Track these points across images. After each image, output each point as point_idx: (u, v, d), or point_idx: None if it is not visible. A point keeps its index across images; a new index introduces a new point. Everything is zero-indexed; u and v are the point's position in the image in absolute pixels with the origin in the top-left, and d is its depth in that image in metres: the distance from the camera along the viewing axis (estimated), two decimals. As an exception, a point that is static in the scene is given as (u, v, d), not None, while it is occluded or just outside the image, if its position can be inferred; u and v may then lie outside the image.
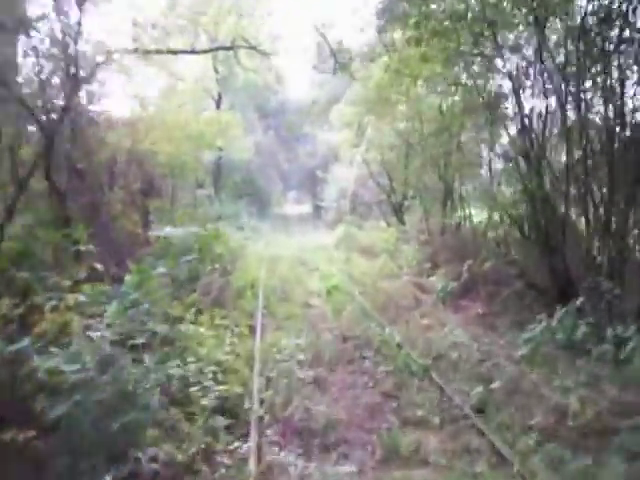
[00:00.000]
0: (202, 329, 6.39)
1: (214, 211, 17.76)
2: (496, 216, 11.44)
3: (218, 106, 22.15)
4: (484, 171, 12.92)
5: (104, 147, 8.57)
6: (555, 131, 9.57)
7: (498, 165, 12.05)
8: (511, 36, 8.36)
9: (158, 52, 12.93)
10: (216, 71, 19.21)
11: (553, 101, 9.08)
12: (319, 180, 30.52)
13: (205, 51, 14.10)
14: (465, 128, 11.82)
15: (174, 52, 13.02)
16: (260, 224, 26.16)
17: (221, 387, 4.89)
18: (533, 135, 9.06)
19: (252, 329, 8.04)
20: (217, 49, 14.64)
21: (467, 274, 9.61)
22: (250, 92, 28.45)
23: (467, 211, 13.40)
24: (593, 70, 8.04)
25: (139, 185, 8.94)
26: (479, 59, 8.60)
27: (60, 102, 7.01)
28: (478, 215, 13.52)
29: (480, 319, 9.07)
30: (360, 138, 18.19)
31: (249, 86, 26.76)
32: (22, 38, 7.45)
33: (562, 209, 8.84)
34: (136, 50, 12.63)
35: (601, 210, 7.99)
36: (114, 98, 11.81)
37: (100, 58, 8.52)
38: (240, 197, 25.86)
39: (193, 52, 13.49)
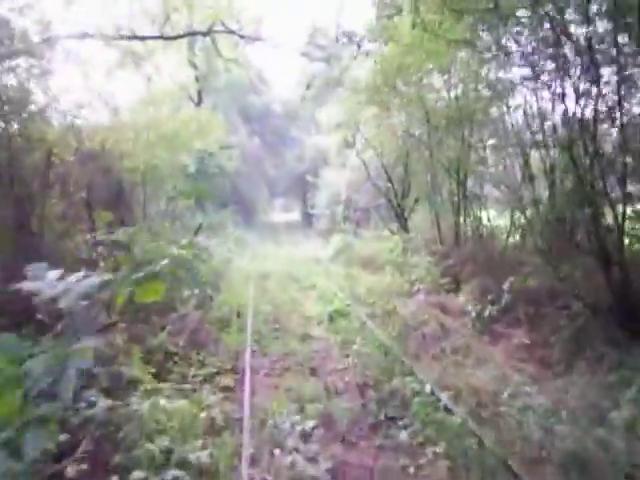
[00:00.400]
0: (163, 400, 4.35)
1: (194, 222, 15.67)
2: (524, 219, 9.55)
3: (198, 106, 20.10)
4: (506, 167, 11.00)
5: (40, 147, 6.55)
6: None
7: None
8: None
9: (121, 38, 10.96)
10: (194, 67, 17.21)
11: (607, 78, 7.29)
12: (308, 186, 28.50)
13: (177, 37, 12.13)
14: (486, 116, 9.95)
15: (140, 38, 11.06)
16: (246, 234, 24.27)
17: None
18: (584, 121, 7.22)
19: (238, 381, 6.07)
20: (192, 34, 12.68)
21: (508, 294, 7.67)
22: (233, 93, 26.43)
23: (487, 215, 11.53)
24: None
25: (84, 194, 6.86)
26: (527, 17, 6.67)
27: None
28: (495, 219, 11.71)
29: (527, 352, 7.17)
30: (355, 136, 16.24)
31: (232, 86, 24.77)
32: None
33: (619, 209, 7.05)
34: (95, 36, 10.69)
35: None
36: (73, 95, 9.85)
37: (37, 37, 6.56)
38: (224, 206, 23.82)
39: (162, 37, 11.52)
